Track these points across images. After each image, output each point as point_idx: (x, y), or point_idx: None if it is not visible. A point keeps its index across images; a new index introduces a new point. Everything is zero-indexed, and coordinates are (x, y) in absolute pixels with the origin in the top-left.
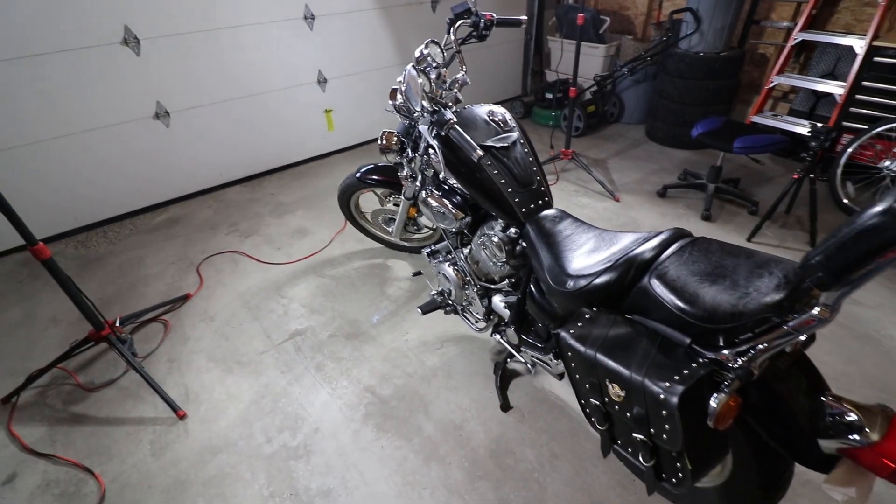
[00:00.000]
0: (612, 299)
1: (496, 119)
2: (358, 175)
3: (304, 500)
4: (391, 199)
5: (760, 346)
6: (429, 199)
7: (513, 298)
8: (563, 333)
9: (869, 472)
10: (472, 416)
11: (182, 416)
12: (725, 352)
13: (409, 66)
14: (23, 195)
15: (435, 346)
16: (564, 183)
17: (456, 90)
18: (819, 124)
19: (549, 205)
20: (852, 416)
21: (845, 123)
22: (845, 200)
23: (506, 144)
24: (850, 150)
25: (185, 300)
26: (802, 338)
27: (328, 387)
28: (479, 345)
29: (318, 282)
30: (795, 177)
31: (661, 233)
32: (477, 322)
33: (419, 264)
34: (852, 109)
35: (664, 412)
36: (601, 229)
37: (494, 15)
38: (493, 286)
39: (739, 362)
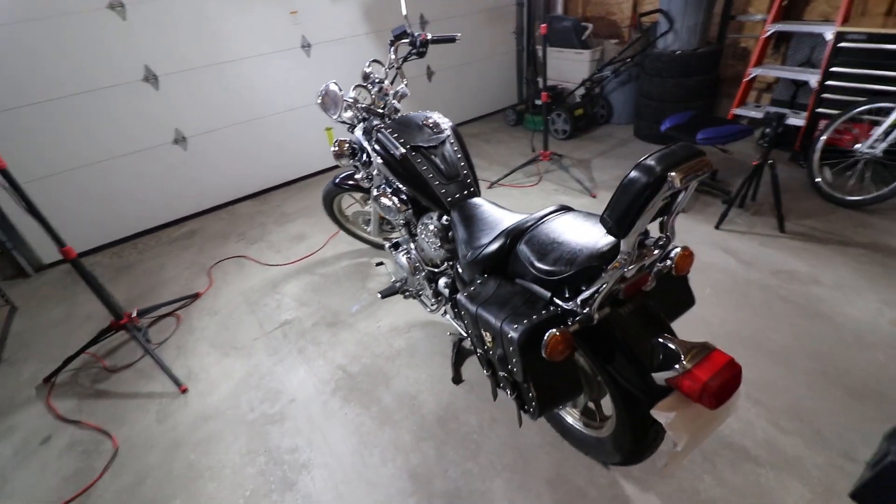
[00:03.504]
0: (499, 265)
1: (429, 123)
2: (336, 181)
3: (275, 456)
4: (368, 201)
5: (590, 292)
6: (378, 196)
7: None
8: (459, 296)
9: (690, 400)
10: (427, 389)
11: (184, 391)
12: (568, 303)
13: (330, 83)
14: (68, 213)
15: (404, 330)
16: (546, 183)
17: (395, 101)
18: (777, 110)
19: (474, 194)
20: (673, 350)
21: (820, 110)
22: (824, 186)
23: (434, 144)
24: (824, 135)
25: (196, 298)
26: (622, 283)
27: (306, 366)
28: (443, 328)
29: (309, 279)
30: (755, 164)
31: (547, 207)
32: (430, 304)
33: (386, 256)
34: (826, 96)
35: (511, 348)
36: (512, 212)
37: (428, 34)
38: (437, 270)
39: (580, 308)
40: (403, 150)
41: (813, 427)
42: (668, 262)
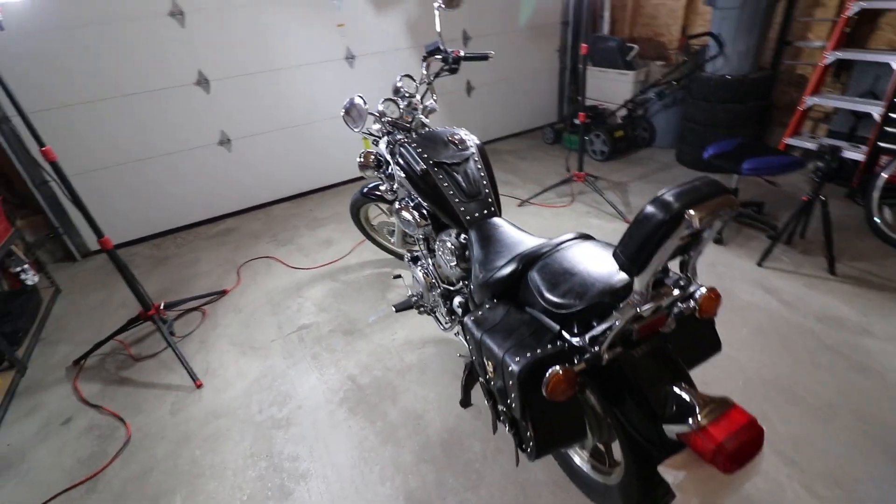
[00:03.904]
0: (509, 291)
1: (455, 139)
2: (363, 191)
3: (276, 461)
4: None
5: (600, 329)
6: (400, 209)
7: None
8: (466, 319)
9: (703, 461)
10: (434, 409)
11: (199, 386)
12: (576, 338)
13: (355, 96)
14: (116, 205)
15: (418, 345)
16: (578, 205)
17: (423, 116)
18: (832, 142)
19: (494, 214)
20: (688, 402)
21: (883, 144)
22: (883, 226)
23: (458, 161)
24: (886, 172)
25: (223, 294)
26: (637, 326)
27: (318, 373)
28: (456, 347)
29: (331, 285)
30: (805, 199)
31: (566, 234)
32: (444, 322)
33: (405, 269)
34: (890, 129)
35: (511, 382)
36: (532, 235)
37: (461, 51)
38: (452, 288)
39: (588, 346)
40: (424, 166)
41: (853, 496)
42: (692, 303)
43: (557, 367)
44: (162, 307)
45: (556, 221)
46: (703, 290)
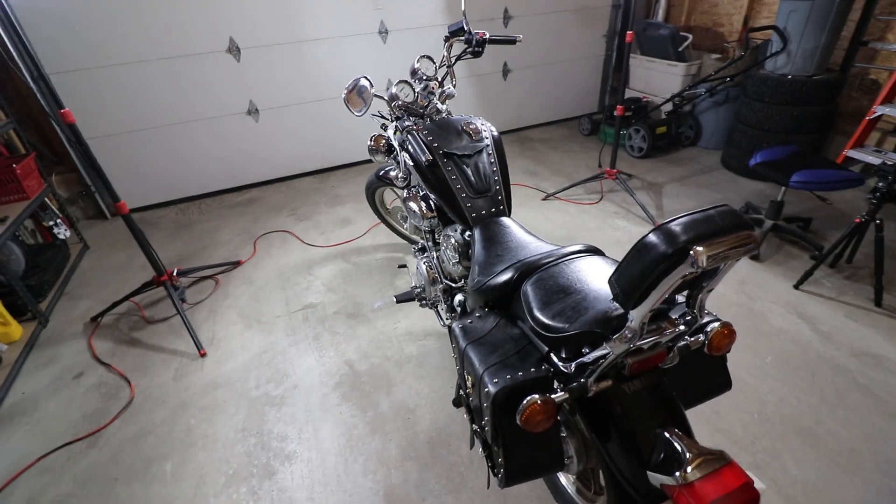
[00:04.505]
0: (504, 300)
1: (469, 129)
2: (379, 174)
3: (265, 439)
4: None
5: (590, 358)
6: (407, 198)
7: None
8: (454, 325)
9: None
10: (426, 405)
11: (203, 355)
12: (562, 364)
13: (361, 77)
14: (145, 168)
15: (419, 337)
16: (607, 203)
17: (439, 101)
18: (891, 161)
19: (503, 213)
20: (677, 451)
21: None
22: None
23: (469, 153)
24: None
25: (237, 265)
26: (631, 360)
27: (317, 354)
28: None
29: (342, 266)
30: (857, 221)
31: (573, 245)
32: (445, 319)
33: (411, 258)
34: None
35: (485, 404)
36: (540, 240)
37: (486, 33)
38: (454, 285)
39: (574, 374)
40: (431, 157)
41: None
42: (701, 337)
43: (536, 397)
44: (175, 273)
45: (580, 219)
46: (717, 325)
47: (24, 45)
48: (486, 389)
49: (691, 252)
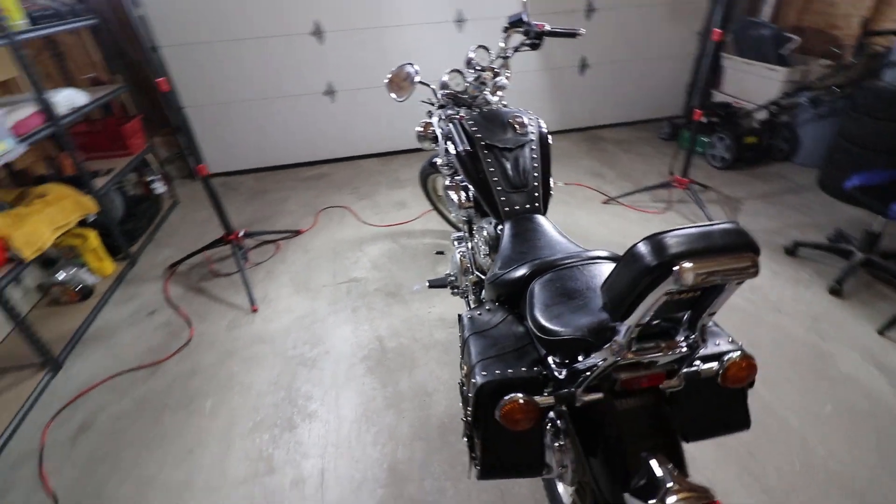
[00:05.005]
0: (513, 297)
1: (516, 122)
2: (432, 161)
3: (293, 396)
4: None
5: (581, 366)
6: (449, 187)
7: None
8: (464, 314)
9: None
10: (444, 390)
11: (254, 311)
12: (556, 368)
13: (406, 63)
14: (233, 137)
15: (450, 324)
16: (673, 215)
17: (489, 92)
18: None
19: (537, 210)
20: (658, 478)
21: None
22: None
23: (511, 146)
24: None
25: (298, 234)
26: (625, 374)
27: (353, 326)
28: None
29: (390, 246)
30: None
31: (597, 250)
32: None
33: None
34: None
35: (470, 394)
36: (571, 242)
37: (546, 25)
38: (484, 277)
39: (566, 381)
40: (470, 147)
41: None
42: (715, 365)
43: (519, 395)
44: (242, 235)
45: (639, 228)
46: (735, 355)
47: (142, 20)
48: (474, 380)
49: (675, 269)
